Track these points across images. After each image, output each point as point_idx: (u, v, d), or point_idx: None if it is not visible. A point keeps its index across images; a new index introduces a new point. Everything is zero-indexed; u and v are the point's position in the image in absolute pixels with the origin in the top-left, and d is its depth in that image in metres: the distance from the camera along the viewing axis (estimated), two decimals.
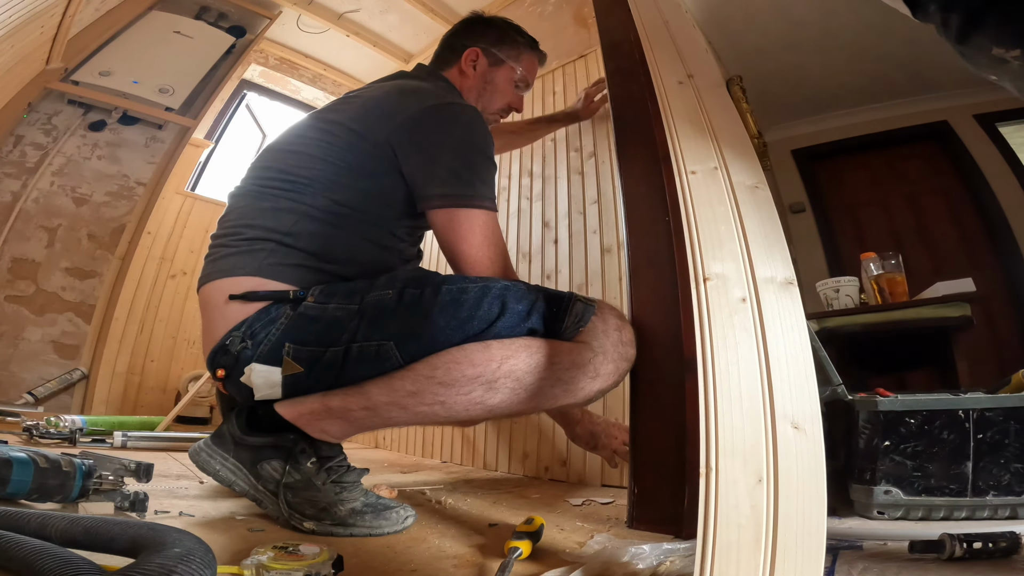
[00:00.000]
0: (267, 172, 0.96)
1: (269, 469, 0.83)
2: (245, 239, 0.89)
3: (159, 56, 2.49)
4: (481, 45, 1.17)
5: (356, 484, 0.85)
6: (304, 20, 2.88)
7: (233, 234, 0.91)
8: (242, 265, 0.87)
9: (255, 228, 0.90)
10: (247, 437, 0.85)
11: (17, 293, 2.21)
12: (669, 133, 0.69)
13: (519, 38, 1.21)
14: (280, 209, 0.90)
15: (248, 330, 0.83)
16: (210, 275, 0.89)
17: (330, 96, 3.36)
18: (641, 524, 0.84)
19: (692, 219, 0.57)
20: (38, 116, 2.30)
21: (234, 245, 0.90)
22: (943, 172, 2.76)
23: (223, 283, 0.86)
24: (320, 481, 0.82)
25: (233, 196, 0.97)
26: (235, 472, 0.84)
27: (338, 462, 0.85)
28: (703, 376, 0.46)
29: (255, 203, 0.93)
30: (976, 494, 0.85)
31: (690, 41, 0.87)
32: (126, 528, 0.49)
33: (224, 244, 0.91)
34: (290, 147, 0.98)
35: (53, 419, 1.55)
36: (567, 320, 0.79)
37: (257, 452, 0.84)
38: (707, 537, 0.38)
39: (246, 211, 0.93)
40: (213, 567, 0.43)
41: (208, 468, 0.84)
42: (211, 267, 0.90)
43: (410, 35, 2.98)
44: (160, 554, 0.42)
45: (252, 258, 0.87)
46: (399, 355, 0.78)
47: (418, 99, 0.97)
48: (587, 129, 1.87)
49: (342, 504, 0.80)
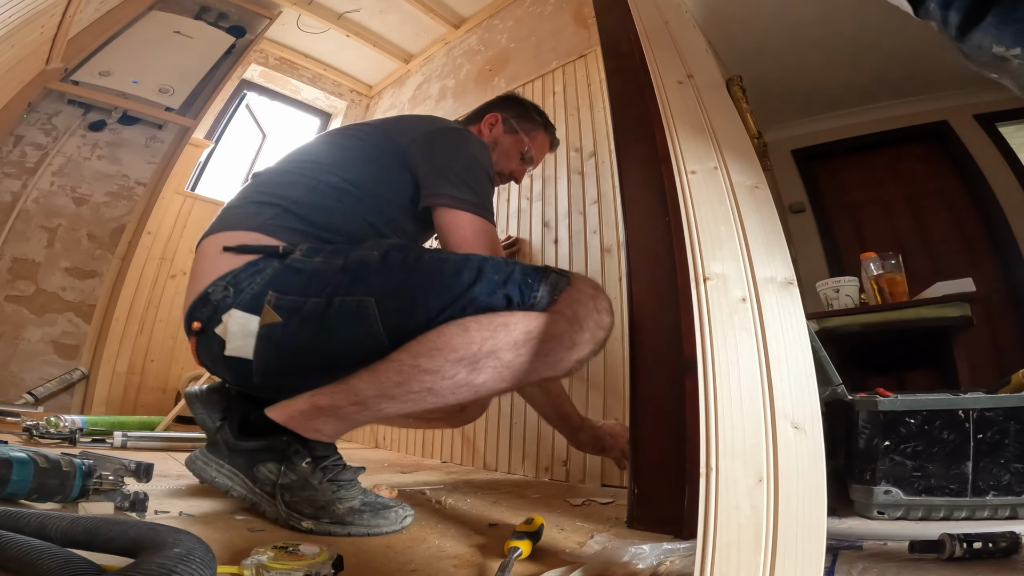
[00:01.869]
0: (292, 156, 1.06)
1: (265, 471, 0.83)
2: (255, 202, 0.94)
3: (159, 56, 2.49)
4: (503, 114, 1.30)
5: (353, 482, 0.85)
6: (304, 20, 2.88)
7: (245, 198, 0.97)
8: (245, 221, 0.90)
9: (266, 194, 0.96)
10: (240, 442, 0.85)
11: (17, 293, 2.21)
12: (669, 133, 0.69)
13: (538, 118, 1.33)
14: (294, 182, 0.97)
15: (233, 279, 0.84)
16: (212, 229, 0.92)
17: (330, 96, 3.36)
18: (641, 524, 0.84)
19: (692, 219, 0.57)
20: (38, 116, 2.30)
21: (243, 206, 0.95)
22: (943, 172, 2.76)
23: (222, 236, 0.89)
24: (316, 480, 0.82)
25: (256, 174, 1.04)
26: (231, 478, 0.84)
27: (333, 461, 0.85)
28: (703, 376, 0.46)
29: (274, 178, 1.00)
30: (976, 494, 0.85)
31: (690, 41, 0.87)
32: (126, 528, 0.49)
33: (235, 205, 0.97)
34: (318, 142, 1.10)
35: (53, 419, 1.55)
36: (541, 290, 0.79)
37: (252, 456, 0.85)
38: (707, 537, 0.38)
39: (263, 183, 1.00)
40: (213, 567, 0.43)
41: (205, 475, 0.84)
42: (216, 223, 0.94)
43: (410, 35, 2.98)
44: (160, 554, 0.42)
45: (257, 216, 0.91)
46: (378, 313, 0.78)
47: (441, 122, 1.14)
48: (587, 129, 1.87)
49: (340, 503, 0.80)
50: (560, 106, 2.01)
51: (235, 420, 0.88)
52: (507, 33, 2.52)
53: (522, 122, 1.30)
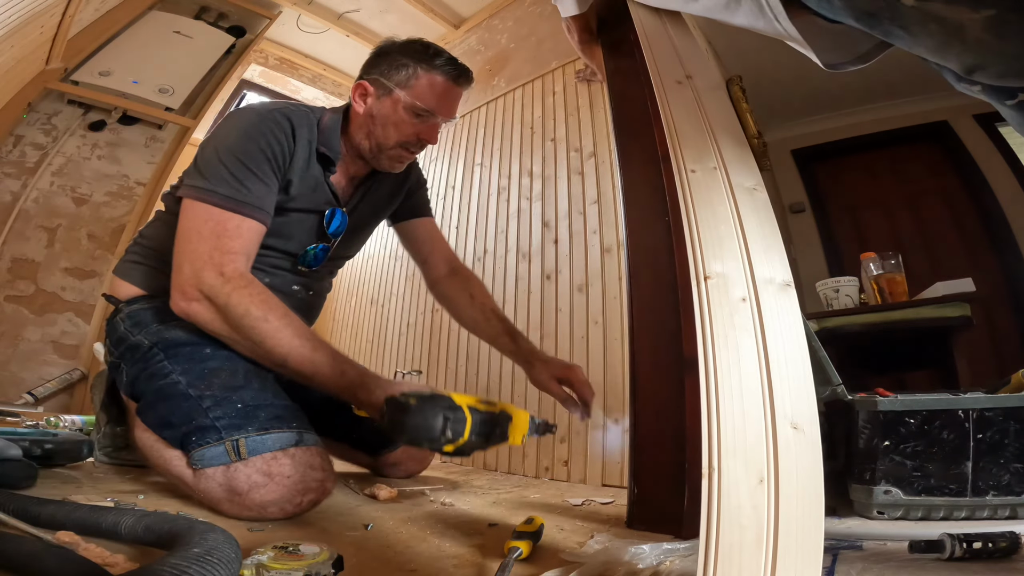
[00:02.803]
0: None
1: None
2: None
3: (159, 56, 2.48)
4: (371, 76, 1.06)
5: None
6: (304, 20, 2.88)
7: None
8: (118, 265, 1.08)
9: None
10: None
11: (17, 293, 2.21)
12: (669, 133, 0.69)
13: (410, 59, 1.04)
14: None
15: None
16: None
17: (330, 96, 3.36)
18: (641, 524, 0.84)
19: (692, 217, 0.57)
20: (38, 116, 2.30)
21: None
22: (943, 172, 2.76)
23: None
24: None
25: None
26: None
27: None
28: (705, 375, 0.46)
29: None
30: (976, 494, 0.85)
31: (688, 42, 0.87)
32: (162, 522, 0.54)
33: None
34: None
35: (53, 419, 1.55)
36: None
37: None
38: (710, 538, 0.38)
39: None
40: (234, 566, 0.44)
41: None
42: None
43: (410, 35, 2.98)
44: (176, 553, 0.42)
45: (124, 258, 1.07)
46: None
47: (242, 109, 1.03)
48: (587, 129, 1.87)
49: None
50: (560, 106, 2.01)
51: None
52: (507, 33, 2.52)
53: (393, 74, 1.04)
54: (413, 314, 2.41)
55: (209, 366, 0.86)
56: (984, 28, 0.37)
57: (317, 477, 0.80)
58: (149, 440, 0.86)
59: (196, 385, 0.83)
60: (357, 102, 1.06)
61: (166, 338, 0.91)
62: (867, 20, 0.44)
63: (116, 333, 0.98)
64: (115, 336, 0.99)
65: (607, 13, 1.15)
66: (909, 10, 0.40)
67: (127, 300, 1.01)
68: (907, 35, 0.42)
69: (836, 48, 0.59)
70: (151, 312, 0.97)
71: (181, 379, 0.84)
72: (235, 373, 0.86)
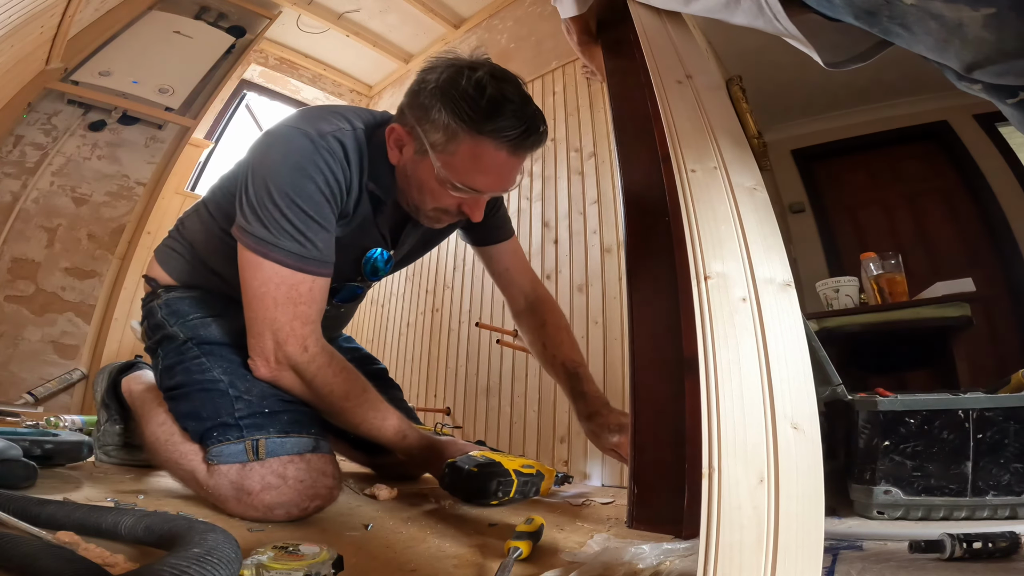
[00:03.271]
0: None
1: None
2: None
3: (159, 56, 2.49)
4: (406, 123, 0.86)
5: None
6: (304, 20, 2.88)
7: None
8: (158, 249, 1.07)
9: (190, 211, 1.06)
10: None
11: (17, 293, 2.21)
12: (669, 133, 0.69)
13: (452, 116, 0.79)
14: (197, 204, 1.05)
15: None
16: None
17: (330, 96, 3.36)
18: (641, 524, 0.84)
19: (692, 217, 0.57)
20: (38, 116, 2.30)
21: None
22: (943, 172, 2.76)
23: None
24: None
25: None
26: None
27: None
28: (705, 375, 0.46)
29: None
30: (976, 494, 0.85)
31: (688, 41, 0.87)
32: (162, 522, 0.53)
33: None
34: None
35: (53, 419, 1.55)
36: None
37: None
38: (710, 539, 0.38)
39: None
40: (235, 566, 0.44)
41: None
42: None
43: (410, 35, 2.98)
44: (176, 553, 0.42)
45: (165, 242, 1.06)
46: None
47: (287, 120, 0.88)
48: (587, 129, 1.87)
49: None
50: (560, 106, 2.01)
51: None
52: (507, 33, 2.52)
53: (429, 129, 0.81)
54: (413, 314, 2.41)
55: (247, 372, 0.88)
56: (984, 26, 0.37)
57: (327, 484, 0.81)
58: (163, 435, 0.86)
59: (236, 385, 0.85)
60: (392, 149, 0.88)
61: (201, 335, 0.92)
62: (867, 18, 0.44)
63: (154, 319, 0.98)
64: (153, 321, 0.98)
65: (607, 13, 1.15)
66: (908, 8, 0.40)
67: (166, 286, 1.01)
68: (906, 33, 0.42)
69: (836, 47, 0.59)
70: (188, 302, 0.97)
71: (224, 378, 0.86)
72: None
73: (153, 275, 1.04)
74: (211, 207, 0.99)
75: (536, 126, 0.82)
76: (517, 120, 0.80)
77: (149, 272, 1.05)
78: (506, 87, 0.82)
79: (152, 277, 1.04)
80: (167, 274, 1.02)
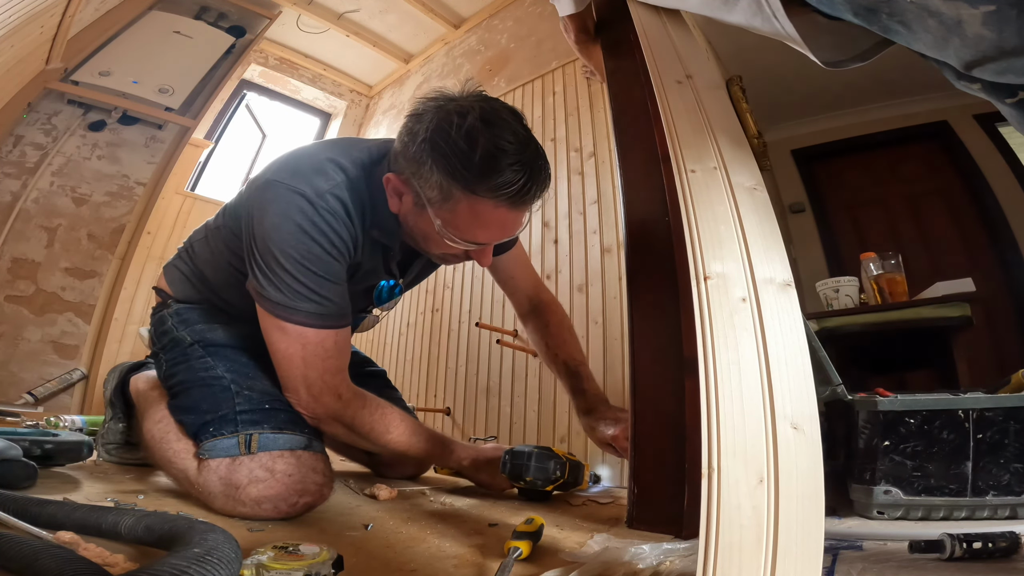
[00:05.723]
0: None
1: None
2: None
3: (159, 56, 2.49)
4: (402, 173, 0.80)
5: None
6: (304, 20, 2.88)
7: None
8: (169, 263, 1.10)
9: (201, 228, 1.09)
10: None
11: (17, 293, 2.21)
12: (669, 133, 0.69)
13: (444, 175, 0.74)
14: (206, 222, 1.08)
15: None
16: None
17: (330, 96, 3.36)
18: (641, 524, 0.84)
19: (692, 217, 0.57)
20: (38, 116, 2.30)
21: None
22: (943, 172, 2.76)
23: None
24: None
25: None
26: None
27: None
28: (705, 375, 0.46)
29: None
30: (976, 494, 0.85)
31: (688, 41, 0.87)
32: (162, 522, 0.53)
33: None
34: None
35: (53, 419, 1.55)
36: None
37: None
38: (710, 539, 0.38)
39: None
40: (235, 566, 0.44)
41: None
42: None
43: (410, 35, 2.98)
44: (177, 554, 0.42)
45: (174, 260, 1.09)
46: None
47: (282, 161, 0.86)
48: (587, 129, 1.87)
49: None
50: (560, 106, 2.01)
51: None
52: (507, 33, 2.52)
53: (424, 186, 0.77)
54: (413, 314, 2.41)
55: (249, 371, 0.90)
56: (983, 23, 0.37)
57: (317, 480, 0.81)
58: (159, 433, 0.88)
59: (238, 382, 0.87)
60: (392, 198, 0.84)
61: (207, 338, 0.96)
62: (866, 16, 0.44)
63: (163, 326, 1.01)
64: (161, 328, 1.02)
65: (607, 13, 1.15)
66: (908, 5, 0.40)
67: (176, 298, 1.05)
68: (905, 30, 0.42)
69: (835, 46, 0.59)
70: (198, 312, 1.01)
71: (226, 375, 0.88)
72: (268, 378, 0.89)
73: (164, 287, 1.07)
74: (220, 240, 0.98)
75: (537, 174, 0.76)
76: (515, 173, 0.73)
77: (160, 285, 1.08)
78: (500, 134, 0.73)
79: (163, 289, 1.07)
80: (177, 295, 1.05)
